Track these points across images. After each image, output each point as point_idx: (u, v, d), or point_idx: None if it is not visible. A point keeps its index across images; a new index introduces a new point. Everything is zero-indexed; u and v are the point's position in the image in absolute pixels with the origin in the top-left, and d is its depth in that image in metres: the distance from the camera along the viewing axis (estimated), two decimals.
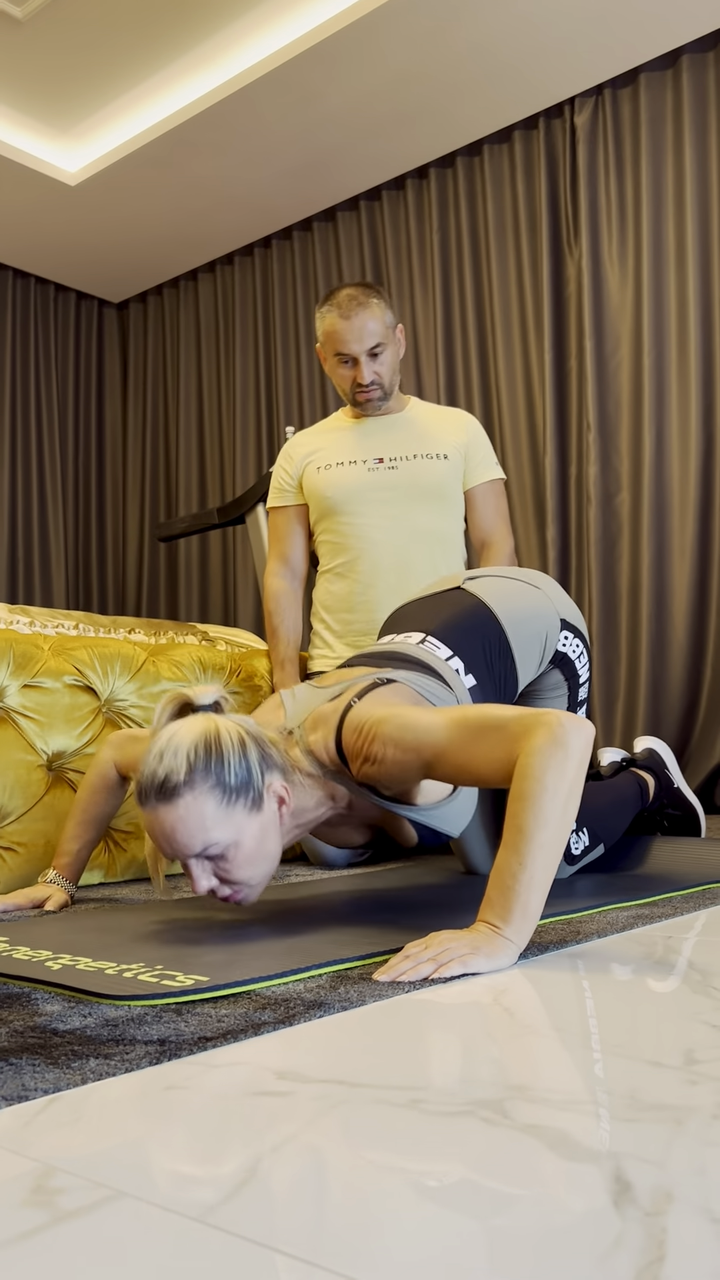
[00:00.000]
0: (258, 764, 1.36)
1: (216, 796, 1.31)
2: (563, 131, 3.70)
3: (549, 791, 1.18)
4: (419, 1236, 0.54)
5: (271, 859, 1.40)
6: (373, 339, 2.35)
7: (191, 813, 1.30)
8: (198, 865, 1.34)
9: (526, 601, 1.80)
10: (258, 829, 1.35)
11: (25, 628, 2.14)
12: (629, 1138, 0.66)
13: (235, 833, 1.33)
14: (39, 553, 4.77)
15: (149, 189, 4.14)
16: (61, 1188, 0.61)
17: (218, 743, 1.33)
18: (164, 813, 1.31)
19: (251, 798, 1.34)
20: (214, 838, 1.31)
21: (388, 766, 1.37)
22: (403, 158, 3.98)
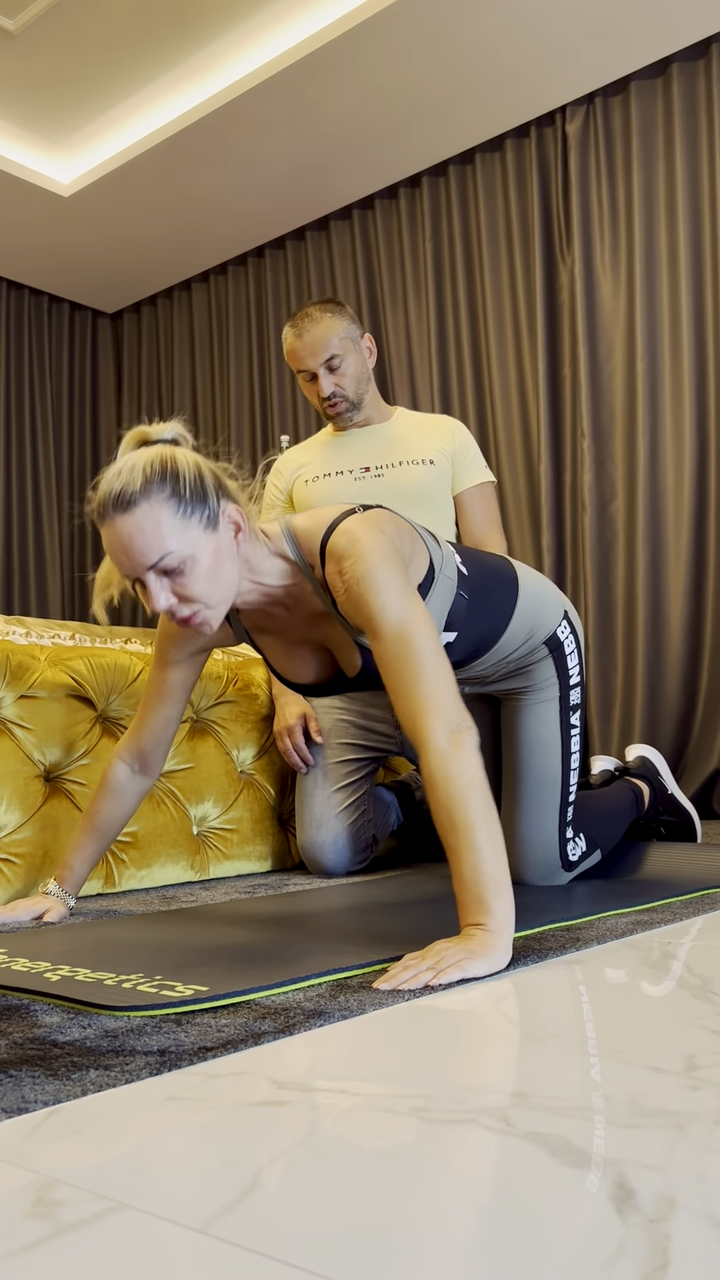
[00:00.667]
0: (214, 488, 1.40)
1: (172, 507, 1.35)
2: (554, 140, 3.71)
3: (475, 787, 1.24)
4: (421, 1246, 0.53)
5: (228, 583, 1.41)
6: (326, 352, 2.37)
7: (147, 520, 1.33)
8: (155, 581, 1.36)
9: (540, 578, 1.86)
10: (213, 547, 1.38)
11: (21, 638, 2.14)
12: (631, 1144, 0.66)
13: (191, 545, 1.35)
14: (34, 563, 4.77)
15: (142, 200, 4.15)
16: (63, 1200, 0.61)
17: (174, 461, 1.38)
18: (121, 522, 1.34)
19: (207, 515, 1.38)
20: (170, 546, 1.34)
21: (346, 594, 1.40)
22: (395, 166, 4.00)
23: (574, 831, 1.91)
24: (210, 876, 2.25)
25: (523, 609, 1.76)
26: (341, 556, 1.42)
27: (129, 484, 1.34)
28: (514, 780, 1.88)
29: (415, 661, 1.32)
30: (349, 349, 2.40)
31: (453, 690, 1.32)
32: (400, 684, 1.32)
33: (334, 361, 2.38)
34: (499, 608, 1.73)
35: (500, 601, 1.73)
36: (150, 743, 1.72)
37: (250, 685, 2.42)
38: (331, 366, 2.39)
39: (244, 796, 2.36)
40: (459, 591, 1.65)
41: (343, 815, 2.28)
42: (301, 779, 2.35)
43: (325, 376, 2.40)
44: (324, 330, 2.37)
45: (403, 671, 1.32)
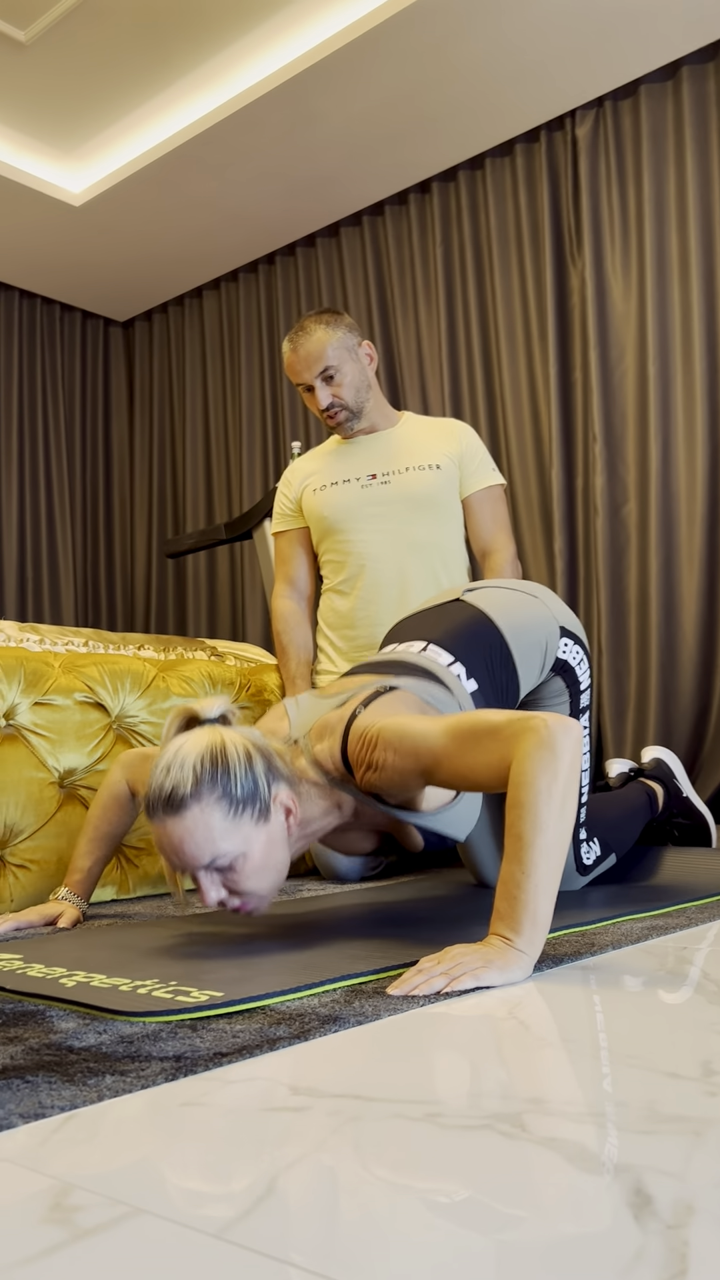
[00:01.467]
0: (264, 775, 1.37)
1: (223, 808, 1.32)
2: (564, 144, 3.71)
3: (543, 796, 1.19)
4: (436, 1253, 0.53)
5: (279, 870, 1.40)
6: (320, 364, 2.38)
7: (199, 825, 1.31)
8: (206, 877, 1.34)
9: (526, 611, 1.80)
10: (265, 840, 1.36)
11: (35, 646, 2.15)
12: (648, 1150, 0.66)
13: (242, 844, 1.34)
14: (48, 571, 4.79)
15: (153, 208, 4.17)
16: (79, 1205, 0.61)
17: (224, 755, 1.35)
18: (171, 825, 1.32)
19: (258, 809, 1.35)
20: (221, 849, 1.32)
21: (389, 773, 1.38)
22: (404, 172, 4.00)
23: (588, 835, 1.90)
24: None
25: (522, 661, 1.75)
26: (366, 761, 1.40)
27: (179, 785, 1.32)
28: None
29: (473, 735, 1.29)
30: (345, 359, 2.40)
31: (507, 714, 1.30)
32: (486, 767, 1.27)
33: (330, 372, 2.38)
34: (510, 681, 1.74)
35: (508, 676, 1.74)
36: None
37: (263, 691, 2.42)
38: (328, 377, 2.39)
39: None
40: (476, 698, 1.66)
41: None
42: None
43: (322, 388, 2.40)
44: (317, 343, 2.37)
45: (479, 756, 1.28)
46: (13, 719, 1.94)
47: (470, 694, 1.64)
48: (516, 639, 1.75)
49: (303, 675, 2.50)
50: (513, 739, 1.24)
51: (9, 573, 4.62)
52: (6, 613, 4.61)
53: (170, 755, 1.35)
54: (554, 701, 1.84)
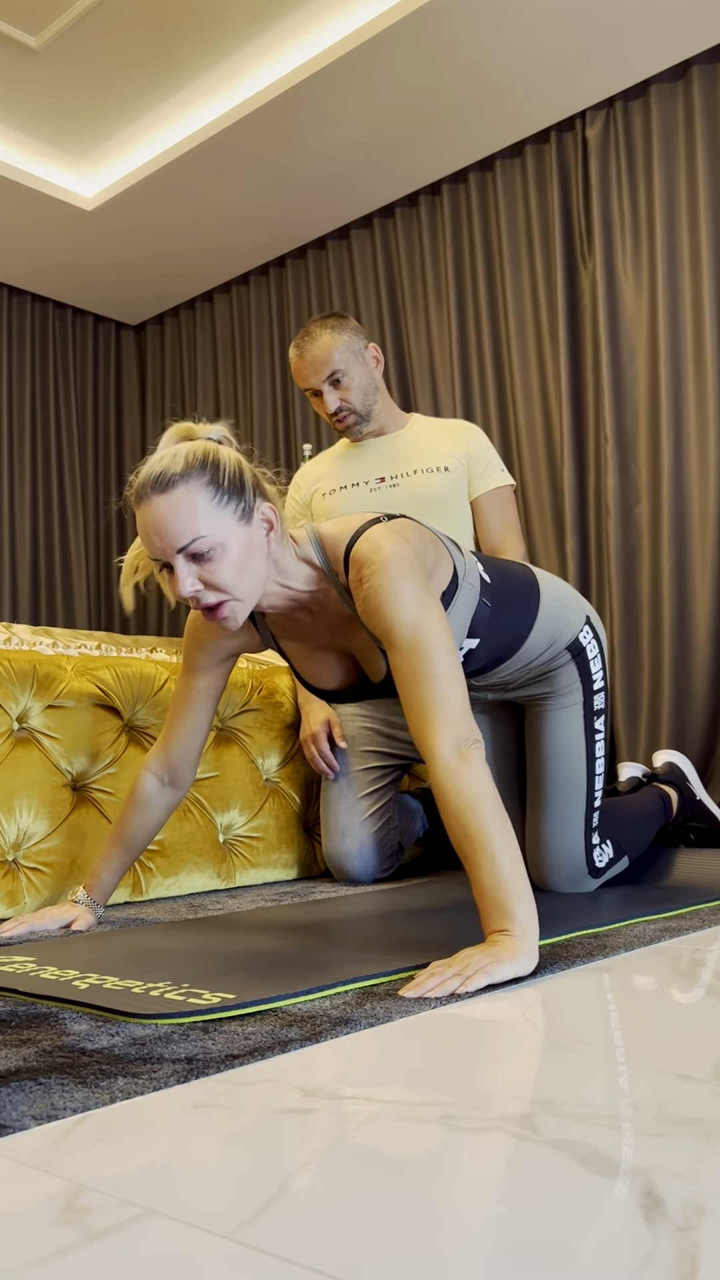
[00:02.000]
0: (252, 484, 1.43)
1: (209, 494, 1.37)
2: (574, 145, 3.71)
3: (483, 797, 1.25)
4: (448, 1254, 0.53)
5: (256, 578, 1.43)
6: (326, 368, 2.38)
7: (184, 502, 1.36)
8: (184, 565, 1.37)
9: (561, 584, 1.86)
10: (245, 539, 1.40)
11: (48, 649, 2.16)
12: (659, 1152, 0.66)
13: (223, 534, 1.38)
14: (61, 574, 4.80)
15: (164, 212, 4.18)
16: (92, 1206, 0.61)
17: (216, 453, 1.41)
18: (157, 503, 1.36)
19: (242, 508, 1.40)
20: (203, 530, 1.36)
21: (364, 603, 1.41)
22: (415, 174, 4.00)
23: (600, 838, 1.90)
24: (236, 884, 2.26)
25: (545, 615, 1.76)
26: (363, 564, 1.43)
27: (169, 467, 1.37)
28: (538, 787, 1.87)
29: (427, 673, 1.33)
30: (351, 362, 2.40)
31: (463, 703, 1.32)
32: (412, 695, 1.34)
33: (337, 376, 2.39)
34: (521, 615, 1.73)
35: (523, 609, 1.73)
36: (179, 752, 1.72)
37: (275, 694, 2.43)
38: (335, 381, 2.39)
39: (269, 804, 2.36)
40: (482, 599, 1.65)
41: (368, 822, 2.28)
42: (326, 787, 2.35)
43: (329, 393, 2.41)
44: (323, 347, 2.38)
45: (415, 682, 1.33)
46: (25, 722, 1.95)
47: (478, 585, 1.65)
48: (547, 593, 1.78)
49: None
50: (461, 741, 1.29)
51: (22, 576, 4.64)
52: (20, 616, 4.63)
53: (162, 449, 1.41)
54: (567, 698, 1.84)
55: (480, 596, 1.65)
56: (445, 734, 1.29)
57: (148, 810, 1.74)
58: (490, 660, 1.72)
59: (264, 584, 1.46)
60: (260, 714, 2.37)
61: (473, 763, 1.27)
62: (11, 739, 1.92)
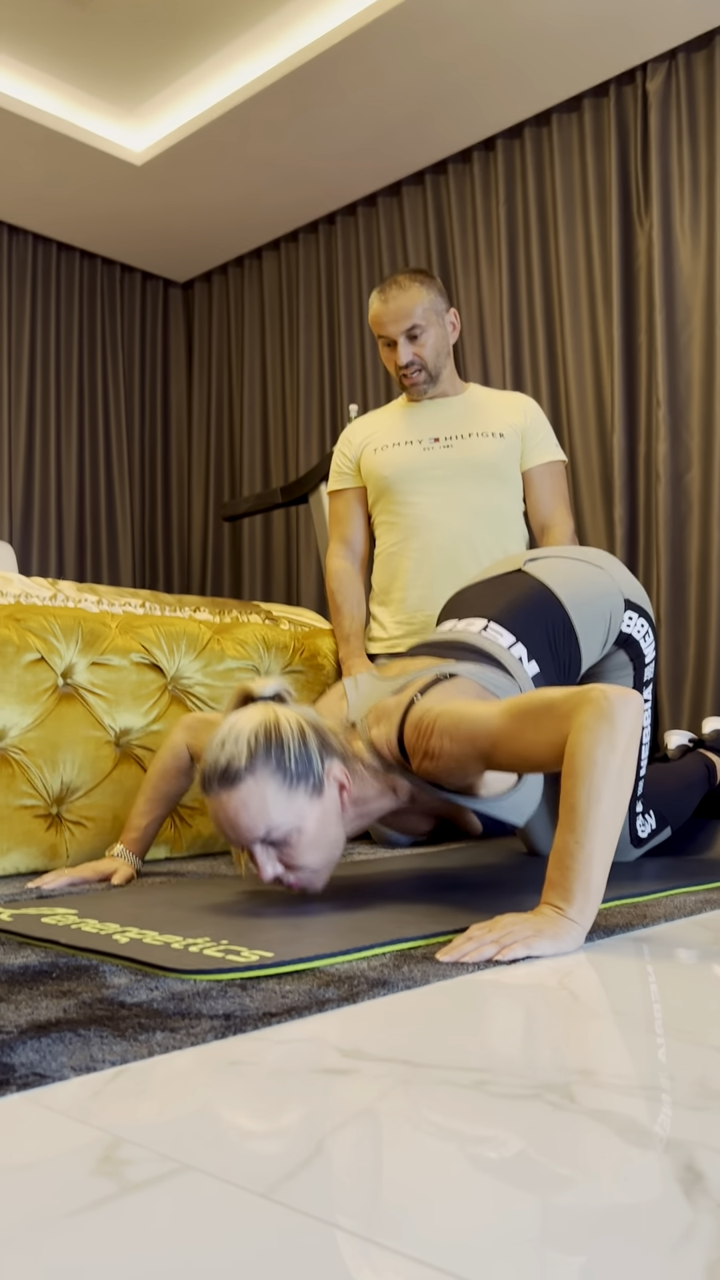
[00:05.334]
0: (317, 750, 1.38)
1: (278, 781, 1.33)
2: (634, 99, 3.61)
3: (599, 767, 1.17)
4: (480, 1218, 0.53)
5: (334, 845, 1.41)
6: (408, 320, 2.37)
7: (253, 797, 1.32)
8: (262, 851, 1.36)
9: (589, 583, 1.76)
10: (319, 814, 1.37)
11: (93, 606, 2.17)
12: (699, 1126, 0.65)
13: (297, 817, 1.35)
14: (106, 532, 4.83)
15: (214, 167, 4.14)
16: (129, 1159, 0.61)
17: (277, 730, 1.36)
18: (227, 799, 1.34)
19: (312, 783, 1.36)
20: (275, 821, 1.33)
21: (446, 760, 1.37)
22: (469, 130, 3.92)
23: (644, 807, 1.88)
24: None
25: (585, 635, 1.72)
26: (422, 745, 1.39)
27: (234, 759, 1.33)
28: None
29: (530, 714, 1.28)
30: (432, 321, 2.39)
31: (563, 690, 1.28)
32: (538, 740, 1.26)
33: (415, 331, 2.38)
34: (571, 656, 1.71)
35: (570, 652, 1.71)
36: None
37: (316, 655, 2.42)
38: (412, 335, 2.39)
39: None
40: (536, 679, 1.65)
41: None
42: None
43: (405, 345, 2.40)
44: (410, 299, 2.37)
45: (531, 731, 1.27)
46: (70, 678, 1.96)
47: (532, 677, 1.62)
48: (579, 612, 1.72)
49: (356, 634, 2.49)
50: (570, 713, 1.23)
51: (69, 533, 4.67)
52: (66, 573, 4.66)
53: (225, 731, 1.37)
54: (617, 675, 1.82)
55: (533, 681, 1.64)
56: (589, 707, 1.20)
57: (182, 773, 1.77)
58: None
59: (343, 844, 1.44)
60: (302, 675, 2.37)
61: (616, 720, 1.18)
62: (57, 694, 1.94)
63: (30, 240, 4.63)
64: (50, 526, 4.60)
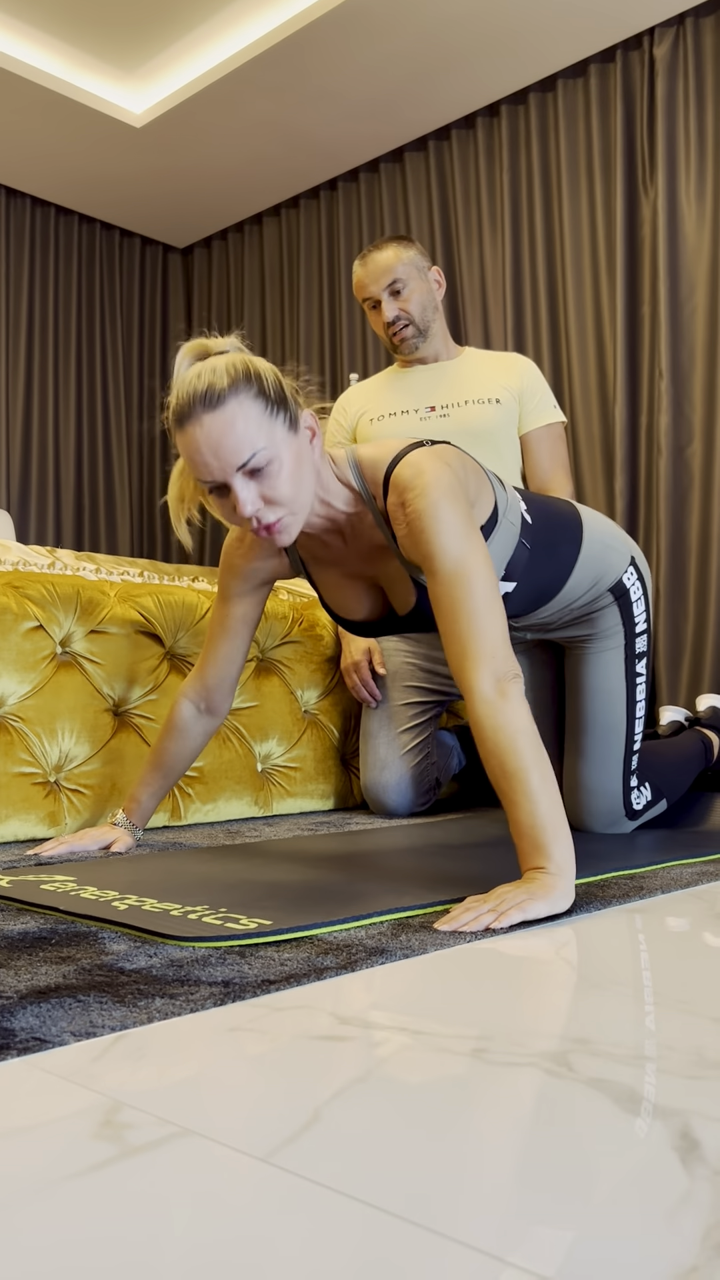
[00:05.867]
0: (291, 392, 1.38)
1: (260, 405, 1.32)
2: (641, 64, 3.56)
3: (524, 734, 1.23)
4: (477, 1185, 0.54)
5: (308, 489, 1.39)
6: (388, 276, 2.35)
7: (238, 416, 1.30)
8: (243, 484, 1.33)
9: (607, 524, 1.82)
10: (296, 449, 1.36)
11: (92, 574, 2.16)
12: (695, 1095, 0.66)
13: (278, 445, 1.33)
14: (105, 501, 4.81)
15: (214, 130, 4.09)
16: (129, 1123, 0.62)
17: (253, 364, 1.35)
18: (209, 420, 1.31)
19: (289, 417, 1.36)
20: (260, 443, 1.31)
21: (408, 528, 1.38)
22: (472, 95, 3.87)
23: (639, 780, 1.89)
24: (273, 813, 2.28)
25: (587, 557, 1.72)
26: (405, 488, 1.39)
27: (215, 382, 1.31)
28: (577, 729, 1.86)
29: (468, 605, 1.30)
30: (413, 275, 2.37)
31: (503, 637, 1.30)
32: (451, 627, 1.31)
33: (397, 286, 2.36)
34: (562, 557, 1.70)
35: (564, 550, 1.70)
36: (215, 679, 1.72)
37: (315, 626, 2.42)
38: (395, 291, 2.37)
39: (308, 736, 2.37)
40: (521, 540, 1.62)
41: (407, 757, 2.29)
42: (366, 720, 2.35)
43: (388, 302, 2.38)
44: (388, 257, 2.36)
45: (455, 614, 1.31)
46: (68, 646, 1.96)
47: (518, 525, 1.62)
48: (590, 533, 1.74)
49: None
50: (501, 677, 1.27)
51: (66, 501, 4.65)
52: (64, 541, 4.65)
53: (196, 367, 1.34)
54: (607, 641, 1.81)
55: (520, 537, 1.61)
56: (484, 668, 1.27)
57: (185, 737, 1.75)
58: (529, 603, 1.70)
59: (314, 495, 1.42)
60: (300, 646, 2.37)
61: (512, 697, 1.25)
62: (55, 662, 1.94)
63: (29, 203, 4.57)
64: (48, 494, 4.58)
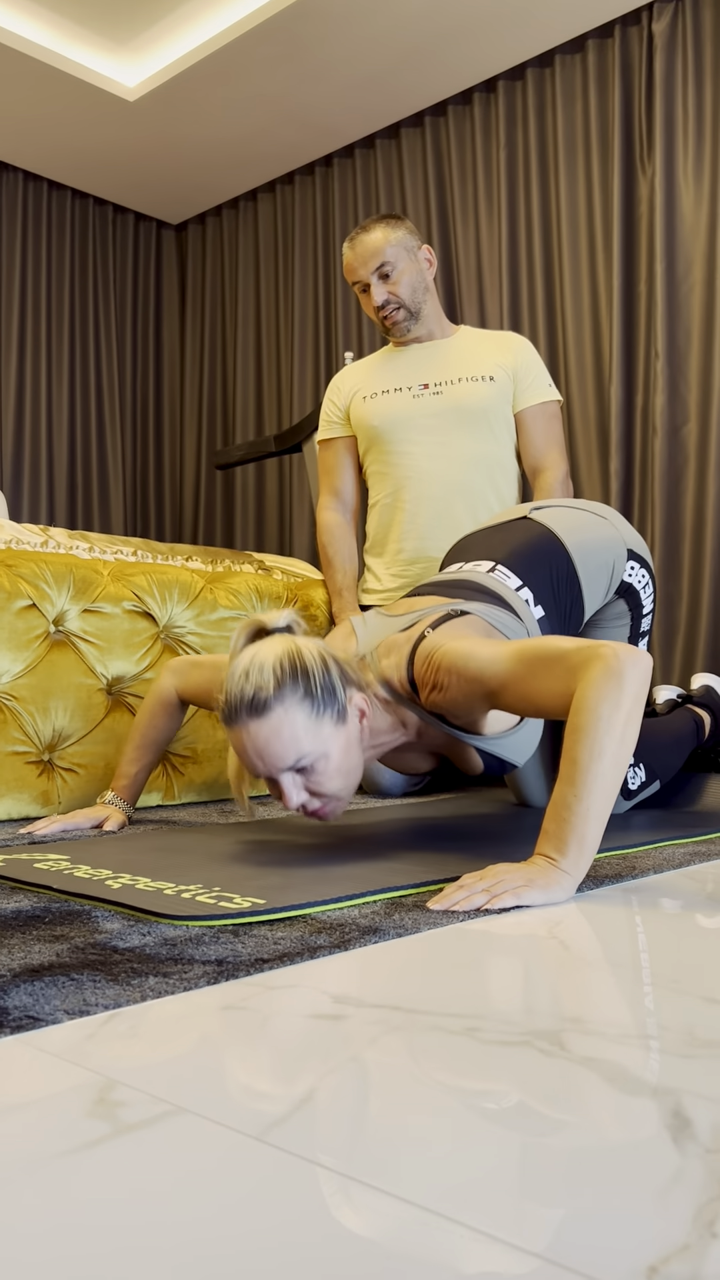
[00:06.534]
0: (339, 678, 1.38)
1: (306, 708, 1.32)
2: (639, 40, 3.52)
3: (603, 723, 1.17)
4: (469, 1163, 0.54)
5: (356, 772, 1.41)
6: (377, 259, 2.34)
7: (284, 725, 1.31)
8: (289, 780, 1.35)
9: (594, 532, 1.79)
10: (344, 741, 1.37)
11: (85, 553, 2.15)
12: (687, 1074, 0.66)
13: (324, 744, 1.34)
14: (98, 479, 4.78)
15: (209, 104, 4.04)
16: (123, 1101, 0.62)
17: (301, 658, 1.34)
18: (255, 728, 1.31)
19: (336, 710, 1.36)
20: (306, 749, 1.32)
21: (453, 694, 1.38)
22: (470, 70, 3.83)
23: (633, 760, 1.89)
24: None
25: (588, 584, 1.74)
26: (432, 683, 1.40)
27: (261, 688, 1.30)
28: None
29: (540, 660, 1.28)
30: (403, 257, 2.36)
31: (575, 641, 1.29)
32: (550, 694, 1.26)
33: (386, 269, 2.34)
34: (575, 605, 1.72)
35: (573, 600, 1.72)
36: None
37: (310, 606, 2.41)
38: (384, 274, 2.35)
39: None
40: (542, 615, 1.65)
41: None
42: None
43: (378, 285, 2.36)
44: (376, 239, 2.35)
45: (539, 677, 1.27)
46: (62, 625, 1.95)
47: (537, 620, 1.63)
48: (584, 560, 1.73)
49: (349, 588, 2.48)
50: (579, 666, 1.23)
51: (59, 480, 4.63)
52: (56, 519, 4.63)
53: (246, 662, 1.34)
54: (615, 625, 1.82)
55: (540, 630, 1.65)
56: (590, 670, 1.21)
57: (170, 715, 1.76)
58: None
59: (362, 770, 1.43)
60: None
61: (624, 679, 1.18)
62: (48, 641, 1.93)
63: (20, 178, 4.53)
64: (41, 473, 4.55)
